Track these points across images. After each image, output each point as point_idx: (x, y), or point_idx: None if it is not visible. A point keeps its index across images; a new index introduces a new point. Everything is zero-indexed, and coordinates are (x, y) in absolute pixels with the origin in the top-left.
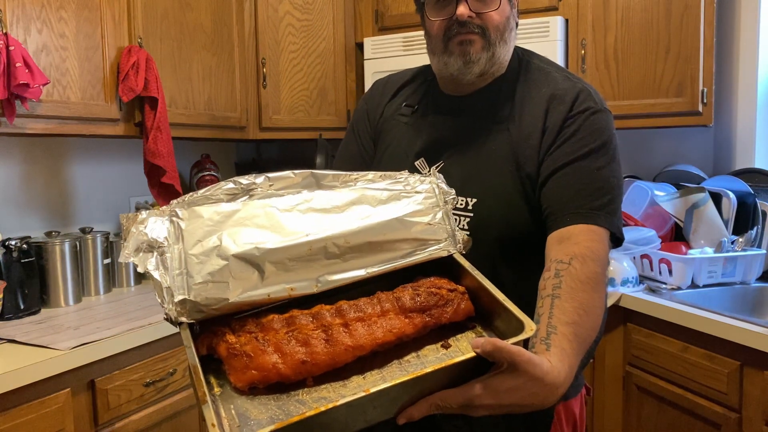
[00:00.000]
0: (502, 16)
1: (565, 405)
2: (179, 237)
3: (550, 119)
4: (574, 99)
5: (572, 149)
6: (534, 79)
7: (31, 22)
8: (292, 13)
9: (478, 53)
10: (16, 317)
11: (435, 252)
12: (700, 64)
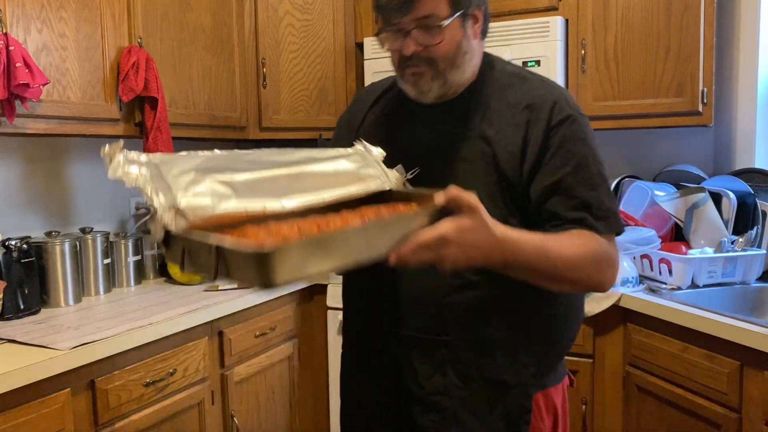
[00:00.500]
0: (451, 45)
1: (545, 394)
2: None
3: (531, 131)
4: (552, 108)
5: (561, 162)
6: (507, 84)
7: (31, 22)
8: (292, 13)
9: (428, 83)
10: (16, 317)
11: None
12: (700, 64)
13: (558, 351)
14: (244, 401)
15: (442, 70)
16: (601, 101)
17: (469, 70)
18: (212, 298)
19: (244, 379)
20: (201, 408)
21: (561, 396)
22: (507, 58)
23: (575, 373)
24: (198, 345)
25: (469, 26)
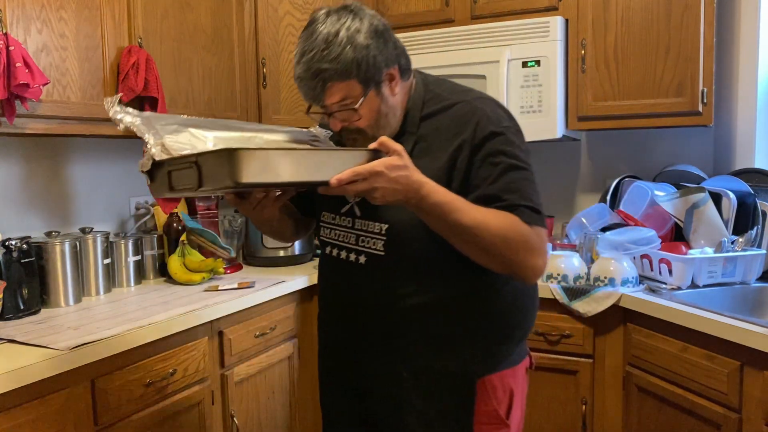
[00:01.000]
0: (371, 114)
1: (500, 376)
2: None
3: (457, 152)
4: (474, 128)
5: (486, 175)
6: (436, 111)
7: (31, 22)
8: (292, 13)
9: (367, 142)
10: (16, 317)
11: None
12: (700, 64)
13: (510, 339)
14: (244, 401)
15: (371, 135)
16: (601, 101)
17: (397, 119)
18: (212, 298)
19: (244, 379)
20: (201, 408)
21: (517, 378)
22: (507, 58)
23: (575, 373)
24: (198, 345)
25: (386, 89)
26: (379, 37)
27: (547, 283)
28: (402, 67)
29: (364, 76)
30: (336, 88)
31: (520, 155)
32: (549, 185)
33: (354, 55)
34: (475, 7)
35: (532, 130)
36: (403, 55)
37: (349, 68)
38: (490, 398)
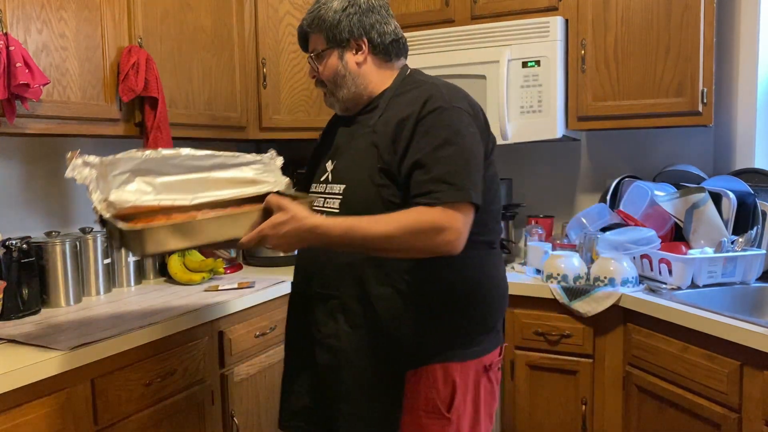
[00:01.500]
0: (330, 71)
1: (444, 367)
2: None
3: (406, 121)
4: (426, 100)
5: (428, 143)
6: (406, 90)
7: (31, 22)
8: (292, 13)
9: (329, 100)
10: (16, 317)
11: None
12: (700, 64)
13: (459, 325)
14: (244, 401)
15: (331, 90)
16: (601, 101)
17: (357, 87)
18: (212, 298)
19: (244, 379)
20: (201, 408)
21: (465, 375)
22: (507, 58)
23: (575, 373)
24: (198, 345)
25: (350, 55)
26: (355, 7)
27: (547, 283)
28: (374, 43)
29: (327, 33)
30: (311, 39)
31: (462, 130)
32: (549, 185)
33: (323, 14)
34: (475, 7)
35: (532, 130)
36: (377, 32)
37: (317, 23)
38: (430, 387)
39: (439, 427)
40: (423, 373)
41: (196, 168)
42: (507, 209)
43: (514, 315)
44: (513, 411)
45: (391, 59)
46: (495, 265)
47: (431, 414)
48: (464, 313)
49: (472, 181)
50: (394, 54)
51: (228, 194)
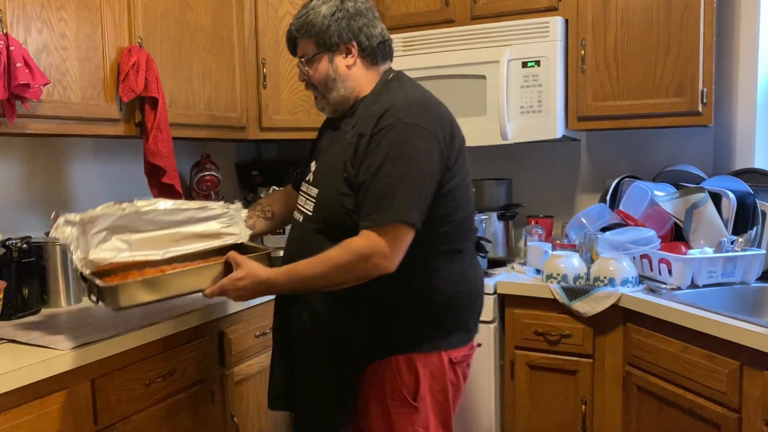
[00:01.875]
0: (320, 74)
1: (407, 358)
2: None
3: (366, 134)
4: (381, 115)
5: (370, 164)
6: (378, 98)
7: (31, 23)
8: (292, 14)
9: (320, 102)
10: (16, 317)
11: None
12: (700, 64)
13: (422, 324)
14: (244, 401)
15: (322, 92)
16: (601, 101)
17: (346, 90)
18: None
19: (244, 379)
20: (201, 408)
21: (429, 365)
22: (507, 58)
23: (575, 373)
24: (198, 345)
25: (340, 59)
26: (342, 11)
27: (547, 283)
28: (362, 46)
29: (317, 38)
30: (300, 44)
31: (406, 148)
32: (549, 185)
33: (312, 19)
34: (475, 7)
35: (532, 130)
36: (365, 35)
37: (306, 29)
38: (395, 377)
39: (407, 415)
40: (387, 364)
41: (168, 223)
42: (507, 209)
43: (514, 315)
44: (513, 411)
45: (377, 62)
46: (464, 270)
47: (398, 403)
48: (426, 316)
49: (408, 200)
50: (380, 57)
51: (196, 248)
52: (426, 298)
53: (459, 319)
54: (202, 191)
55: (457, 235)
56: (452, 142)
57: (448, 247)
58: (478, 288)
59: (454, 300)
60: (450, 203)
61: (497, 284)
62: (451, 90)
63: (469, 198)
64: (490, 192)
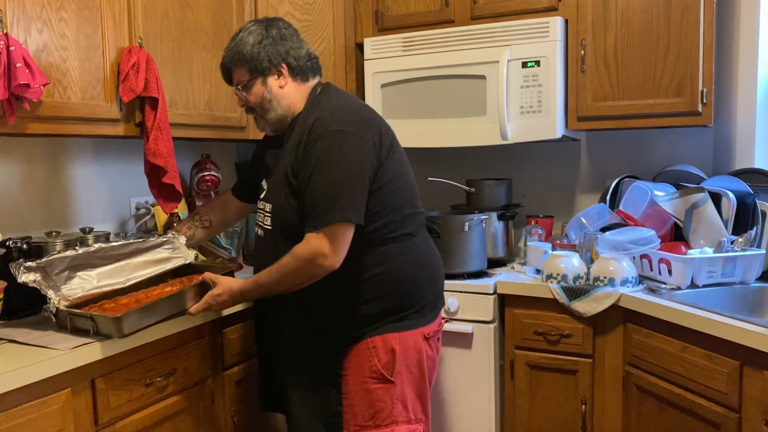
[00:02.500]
0: (257, 98)
1: (383, 338)
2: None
3: (300, 147)
4: (311, 127)
5: (305, 174)
6: (309, 113)
7: (31, 23)
8: (292, 14)
9: (260, 123)
10: (17, 317)
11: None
12: (700, 64)
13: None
14: (244, 401)
15: (260, 114)
16: (601, 101)
17: (282, 108)
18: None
19: (244, 379)
20: (201, 408)
21: (404, 342)
22: (507, 58)
23: (575, 372)
24: (198, 345)
25: (272, 81)
26: (269, 39)
27: (546, 283)
28: (291, 66)
29: (249, 66)
30: (235, 73)
31: (332, 155)
32: (549, 185)
33: (241, 49)
34: (475, 7)
35: (532, 130)
36: (293, 57)
37: (238, 58)
38: (372, 356)
39: (384, 390)
40: (365, 345)
41: (120, 256)
42: (507, 209)
43: (514, 315)
44: (513, 411)
45: (307, 79)
46: (419, 251)
47: (376, 380)
48: (392, 297)
49: (341, 201)
50: (310, 73)
51: (153, 271)
52: (389, 282)
53: (425, 296)
54: (202, 191)
55: (402, 220)
56: (381, 141)
57: (398, 233)
58: (436, 264)
59: (415, 279)
60: (389, 194)
61: (497, 284)
62: (451, 90)
63: (408, 185)
64: (490, 192)
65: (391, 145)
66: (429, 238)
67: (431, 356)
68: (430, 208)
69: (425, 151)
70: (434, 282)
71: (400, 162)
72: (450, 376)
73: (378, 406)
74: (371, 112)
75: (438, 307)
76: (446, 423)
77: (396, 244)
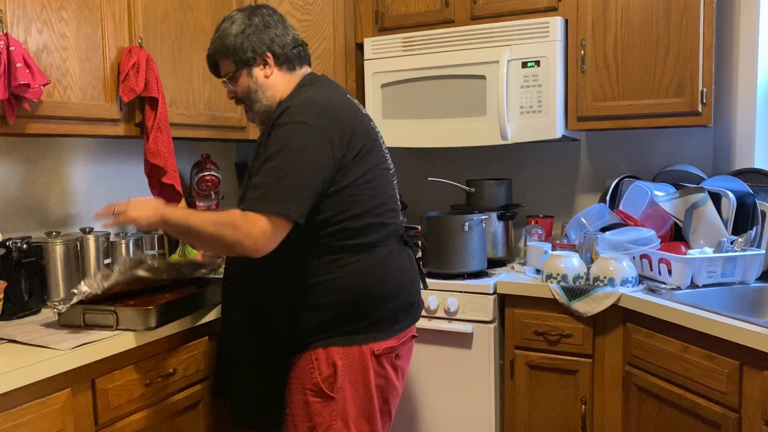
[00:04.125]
0: (243, 88)
1: (326, 351)
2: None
3: (266, 135)
4: (279, 114)
5: (261, 160)
6: (286, 102)
7: (31, 23)
8: (292, 14)
9: (249, 114)
10: (17, 317)
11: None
12: (700, 64)
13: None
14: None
15: (248, 105)
16: (601, 101)
17: (267, 99)
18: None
19: None
20: (201, 408)
21: (348, 358)
22: (507, 58)
23: (575, 372)
24: (198, 345)
25: (258, 71)
26: (252, 27)
27: (546, 283)
28: (276, 55)
29: (233, 57)
30: (221, 65)
31: (291, 146)
32: (549, 185)
33: (225, 41)
34: (475, 7)
35: (532, 130)
36: (278, 45)
37: (222, 50)
38: (314, 368)
39: (323, 405)
40: (308, 356)
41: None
42: (507, 209)
43: (514, 315)
44: (513, 411)
45: (295, 68)
46: (378, 264)
47: (316, 393)
48: (339, 308)
49: (287, 193)
50: (297, 62)
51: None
52: (336, 291)
53: (379, 311)
54: (202, 191)
55: (360, 230)
56: (350, 142)
57: (353, 242)
58: (400, 279)
59: (368, 292)
60: (347, 199)
61: (497, 284)
62: (451, 90)
63: (376, 194)
64: (490, 192)
65: (362, 149)
66: (399, 252)
67: (383, 374)
68: (430, 208)
69: (425, 151)
70: (394, 297)
71: (371, 168)
72: (450, 376)
73: (316, 420)
74: (351, 111)
75: (399, 323)
76: (446, 423)
77: (350, 254)
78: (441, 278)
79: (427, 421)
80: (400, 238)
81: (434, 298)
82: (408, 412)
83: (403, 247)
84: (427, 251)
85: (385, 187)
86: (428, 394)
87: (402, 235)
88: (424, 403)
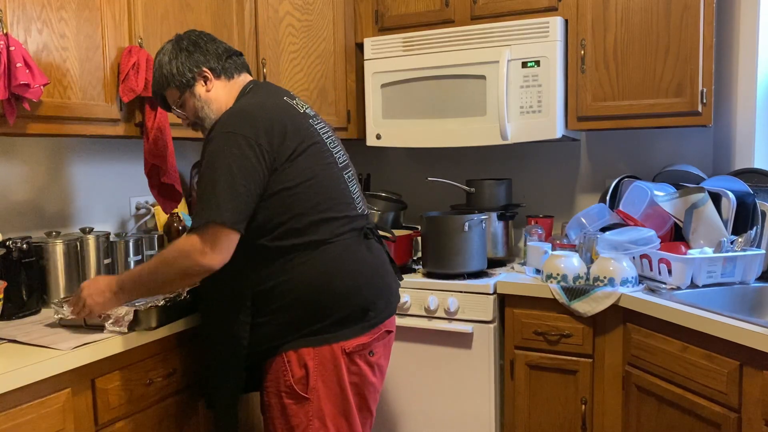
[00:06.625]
0: (191, 110)
1: (297, 353)
2: None
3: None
4: (211, 129)
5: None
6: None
7: (31, 23)
8: (292, 14)
9: (204, 133)
10: (17, 317)
11: None
12: (700, 64)
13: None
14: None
15: (200, 125)
16: (601, 101)
17: (213, 112)
18: None
19: None
20: (201, 408)
21: (320, 358)
22: (506, 58)
23: (575, 372)
24: (198, 345)
25: (199, 88)
26: (182, 52)
27: (546, 283)
28: (213, 68)
29: (174, 83)
30: (167, 96)
31: (219, 157)
32: (548, 185)
33: (162, 71)
34: (474, 7)
35: (532, 130)
36: (214, 58)
37: (162, 82)
38: (286, 371)
39: (299, 407)
40: (279, 360)
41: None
42: (507, 209)
43: (513, 315)
44: (513, 410)
45: (233, 76)
46: (332, 259)
47: (290, 395)
48: (299, 307)
49: (220, 203)
50: (235, 70)
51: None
52: (292, 291)
53: (342, 308)
54: None
55: (306, 228)
56: (282, 143)
57: (301, 240)
58: (362, 274)
59: (326, 288)
60: (287, 200)
61: (497, 284)
62: (451, 90)
63: (320, 190)
64: (490, 192)
65: (297, 149)
66: (358, 245)
67: (357, 372)
68: (430, 208)
69: (425, 151)
70: (357, 293)
71: (310, 166)
72: (450, 376)
73: (293, 422)
74: (284, 112)
75: (370, 320)
76: (446, 423)
77: (302, 253)
78: (441, 278)
79: (427, 421)
80: (360, 232)
81: (434, 298)
82: (408, 412)
83: (365, 240)
84: (425, 250)
85: (331, 182)
86: (428, 394)
87: (363, 228)
88: (424, 403)
